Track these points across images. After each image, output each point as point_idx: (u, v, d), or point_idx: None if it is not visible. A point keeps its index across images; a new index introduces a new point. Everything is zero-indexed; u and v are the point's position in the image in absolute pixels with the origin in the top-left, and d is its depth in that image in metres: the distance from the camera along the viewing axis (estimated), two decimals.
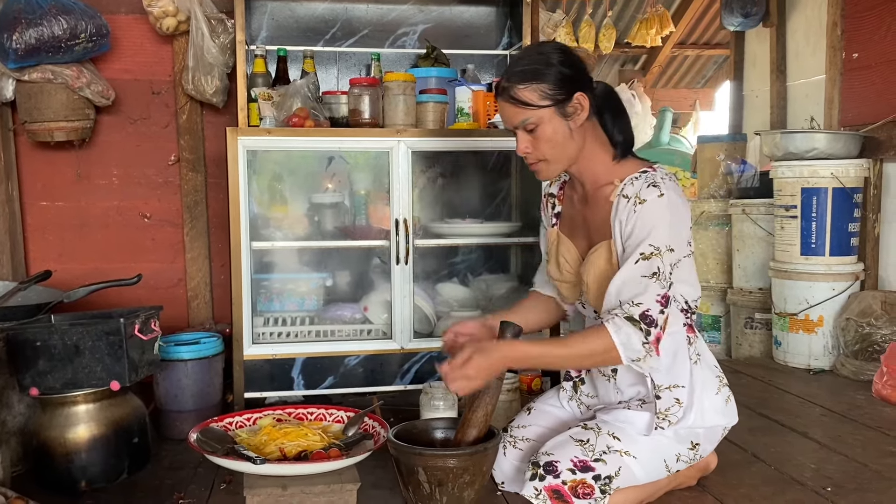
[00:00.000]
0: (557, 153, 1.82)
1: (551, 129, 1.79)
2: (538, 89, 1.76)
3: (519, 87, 1.77)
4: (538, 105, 1.77)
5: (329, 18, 3.03)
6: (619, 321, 1.69)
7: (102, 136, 3.01)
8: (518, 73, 1.79)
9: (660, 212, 1.73)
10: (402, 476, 1.79)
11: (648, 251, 1.71)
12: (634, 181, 1.79)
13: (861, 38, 3.47)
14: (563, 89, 1.77)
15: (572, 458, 1.75)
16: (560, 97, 1.77)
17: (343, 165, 2.93)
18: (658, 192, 1.74)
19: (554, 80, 1.76)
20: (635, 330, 1.68)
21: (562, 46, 1.85)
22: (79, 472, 1.98)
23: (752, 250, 3.72)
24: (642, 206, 1.74)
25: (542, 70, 1.77)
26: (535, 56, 1.80)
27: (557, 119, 1.78)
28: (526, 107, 1.77)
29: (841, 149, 3.25)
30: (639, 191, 1.76)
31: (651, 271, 1.70)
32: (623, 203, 1.77)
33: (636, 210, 1.74)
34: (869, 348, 3.02)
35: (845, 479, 2.05)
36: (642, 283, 1.70)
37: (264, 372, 2.57)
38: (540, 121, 1.78)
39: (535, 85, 1.76)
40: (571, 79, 1.78)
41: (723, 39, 6.83)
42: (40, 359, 1.95)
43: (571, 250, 1.94)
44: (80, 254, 3.03)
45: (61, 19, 2.61)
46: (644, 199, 1.74)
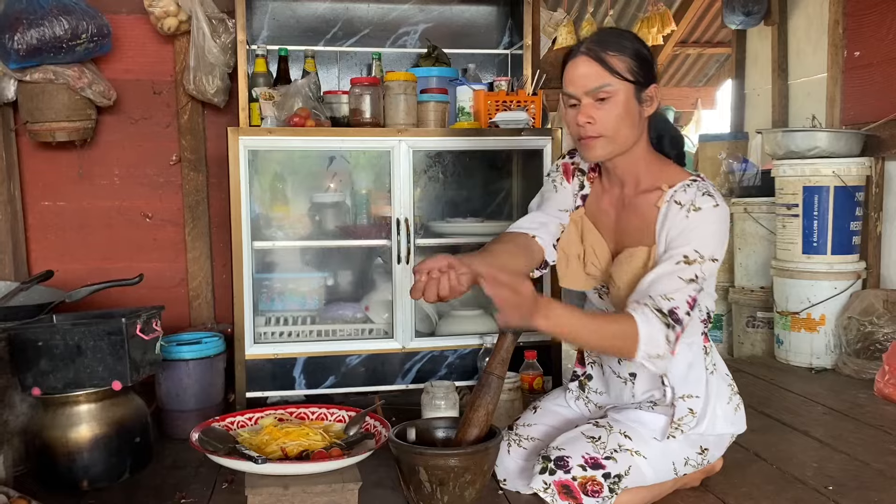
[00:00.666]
0: (620, 132, 1.76)
1: (624, 105, 1.74)
2: (627, 62, 1.73)
3: (610, 52, 1.73)
4: (623, 75, 1.73)
5: (330, 18, 3.03)
6: (648, 312, 1.64)
7: (104, 136, 3.01)
8: (611, 41, 1.75)
9: (714, 222, 1.72)
10: (404, 475, 1.79)
11: (693, 256, 1.68)
12: (687, 188, 1.76)
13: (863, 37, 3.47)
14: (646, 75, 1.76)
15: (584, 455, 1.75)
16: (641, 80, 1.75)
17: (344, 165, 2.94)
18: (714, 202, 1.72)
19: (643, 61, 1.76)
20: (661, 325, 1.63)
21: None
22: (81, 472, 1.99)
23: (754, 249, 3.72)
24: (697, 213, 1.71)
25: (635, 47, 1.76)
26: (627, 34, 1.81)
27: (633, 99, 1.75)
28: (611, 72, 1.72)
29: (843, 147, 3.25)
30: (693, 198, 1.73)
31: (690, 276, 1.68)
32: (675, 209, 1.74)
33: (688, 216, 1.71)
34: (871, 347, 3.02)
35: (847, 478, 2.05)
36: (678, 282, 1.67)
37: (266, 371, 2.57)
38: (616, 93, 1.73)
39: (625, 57, 1.73)
40: (652, 70, 1.78)
41: (724, 38, 6.83)
42: (42, 359, 1.95)
43: (603, 247, 1.89)
44: (81, 254, 3.04)
45: (63, 20, 2.62)
46: (700, 207, 1.71)
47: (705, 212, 1.71)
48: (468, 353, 2.68)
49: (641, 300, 1.67)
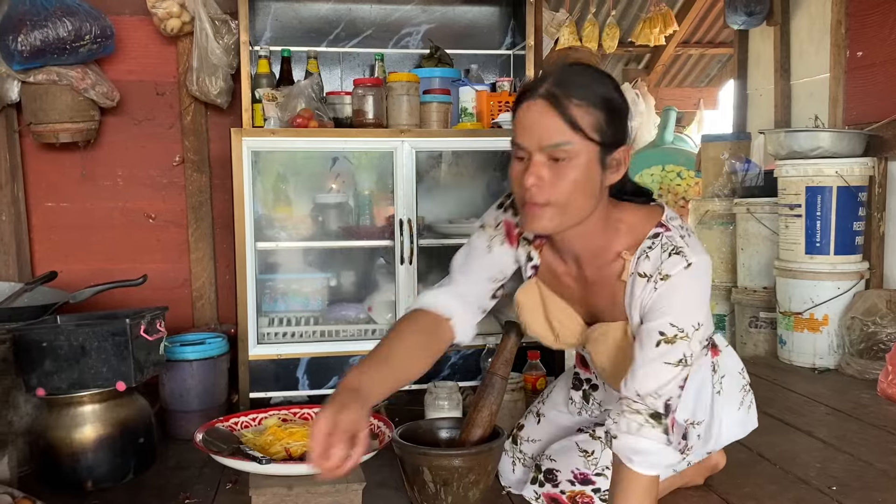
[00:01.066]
0: (573, 202, 1.44)
1: (583, 170, 1.41)
2: (596, 116, 1.40)
3: (576, 100, 1.40)
4: (588, 133, 1.40)
5: (333, 19, 3.04)
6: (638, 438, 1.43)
7: (107, 137, 3.01)
8: (579, 86, 1.41)
9: (688, 287, 1.46)
10: (408, 476, 1.79)
11: (671, 333, 1.44)
12: (649, 252, 1.49)
13: (866, 37, 3.47)
14: (616, 133, 1.44)
15: (573, 470, 1.74)
16: (609, 140, 1.42)
17: (347, 166, 2.94)
18: (684, 261, 1.45)
19: (614, 115, 1.43)
20: (657, 432, 1.44)
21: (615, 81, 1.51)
22: (85, 472, 1.99)
23: (757, 249, 3.72)
24: (665, 282, 1.45)
25: (607, 96, 1.43)
26: (600, 77, 1.47)
27: (595, 163, 1.42)
28: (573, 128, 1.39)
29: (845, 147, 3.25)
30: (660, 265, 1.46)
31: (676, 358, 1.44)
32: (640, 284, 1.48)
33: (657, 288, 1.46)
34: (874, 347, 3.02)
35: (850, 478, 2.05)
36: (665, 371, 1.44)
37: (269, 372, 2.58)
38: (577, 154, 1.40)
39: (594, 109, 1.40)
40: (624, 126, 1.46)
41: (726, 38, 6.82)
42: (46, 359, 1.96)
43: (569, 315, 1.66)
44: (85, 254, 3.04)
45: (66, 21, 2.62)
46: (668, 275, 1.45)
47: (675, 279, 1.44)
48: (471, 354, 2.68)
49: (628, 410, 1.46)
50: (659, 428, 1.44)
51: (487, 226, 1.71)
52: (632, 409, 1.45)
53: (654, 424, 1.44)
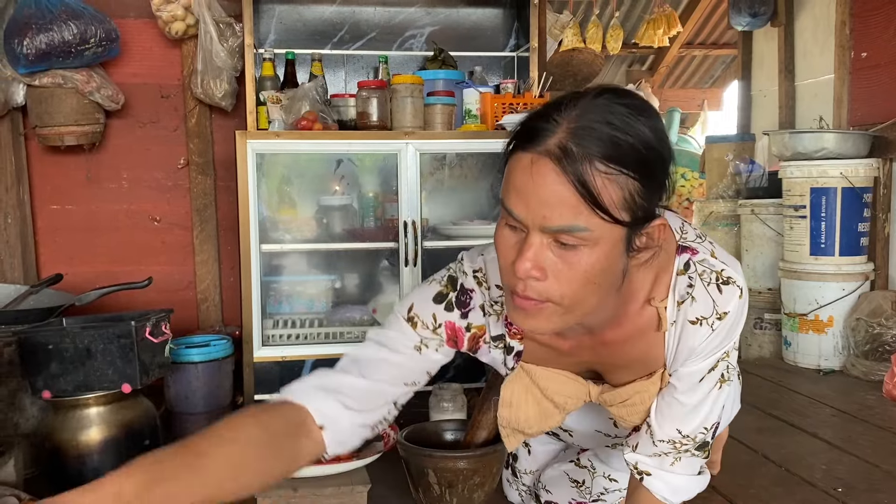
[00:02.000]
0: (585, 300, 1.07)
1: (603, 261, 1.03)
2: (628, 187, 1.00)
3: (603, 167, 0.98)
4: (613, 214, 0.99)
5: (337, 21, 3.04)
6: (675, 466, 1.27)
7: (112, 140, 3.02)
8: (610, 141, 0.98)
9: (744, 315, 1.23)
10: (413, 478, 1.79)
11: (714, 361, 1.23)
12: (691, 291, 1.18)
13: (870, 37, 3.46)
14: (651, 202, 1.04)
15: (570, 501, 1.73)
16: (642, 215, 1.03)
17: (351, 168, 2.94)
18: (737, 290, 1.19)
19: (653, 181, 1.03)
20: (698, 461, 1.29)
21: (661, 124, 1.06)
22: (91, 475, 1.97)
23: (762, 250, 3.71)
24: (723, 320, 1.19)
25: (646, 155, 1.00)
26: (641, 116, 1.01)
27: (619, 247, 1.04)
28: (595, 208, 0.99)
29: (850, 148, 3.24)
30: (713, 303, 1.18)
31: (716, 379, 1.24)
32: (691, 330, 1.19)
33: (714, 328, 1.19)
34: (879, 348, 3.01)
35: (856, 480, 2.05)
36: (709, 401, 1.25)
37: (274, 374, 2.58)
38: (596, 241, 1.01)
39: (627, 178, 0.99)
40: (662, 187, 1.06)
41: (730, 39, 6.82)
42: (52, 362, 1.96)
43: (576, 385, 1.36)
44: (90, 257, 3.05)
45: (71, 24, 2.63)
46: (726, 312, 1.18)
47: (733, 313, 1.19)
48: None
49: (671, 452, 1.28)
50: (700, 457, 1.28)
51: (418, 321, 1.33)
52: (677, 451, 1.27)
53: (697, 455, 1.27)
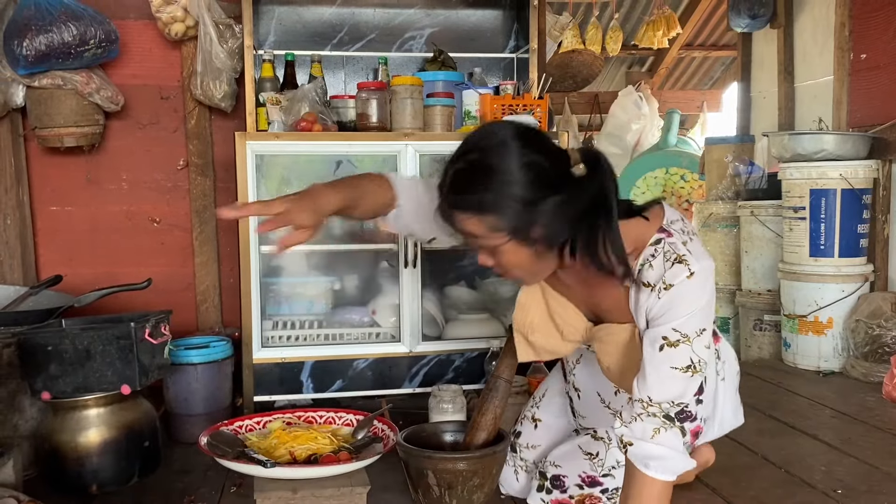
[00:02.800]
0: (527, 272, 1.49)
1: (512, 257, 1.42)
2: (485, 221, 1.36)
3: (459, 215, 1.38)
4: (487, 237, 1.39)
5: (336, 23, 3.04)
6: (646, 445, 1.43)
7: (112, 142, 3.02)
8: (460, 196, 1.37)
9: (691, 295, 1.43)
10: (412, 479, 1.79)
11: (674, 338, 1.43)
12: (652, 261, 1.45)
13: (869, 39, 3.46)
14: (522, 218, 1.35)
15: (580, 474, 1.74)
16: (517, 226, 1.36)
17: (351, 169, 2.94)
18: (686, 270, 1.42)
19: (508, 210, 1.35)
20: (672, 436, 1.44)
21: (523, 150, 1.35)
22: (90, 476, 1.99)
23: (761, 252, 3.71)
24: (668, 291, 1.43)
25: (489, 199, 1.34)
26: (484, 173, 1.35)
27: (516, 247, 1.39)
28: (471, 237, 1.41)
29: (849, 150, 3.24)
30: (662, 274, 1.43)
31: (684, 364, 1.44)
32: (644, 293, 1.46)
33: (660, 297, 1.43)
34: (879, 350, 3.01)
35: (856, 482, 2.05)
36: (676, 379, 1.44)
37: (273, 375, 2.58)
38: (500, 248, 1.40)
39: (480, 216, 1.36)
40: (533, 201, 1.35)
41: (730, 41, 6.82)
42: (52, 363, 1.96)
43: (572, 314, 1.66)
44: (89, 258, 3.05)
45: (71, 26, 2.63)
46: (671, 284, 1.42)
47: (678, 287, 1.42)
48: (475, 357, 2.68)
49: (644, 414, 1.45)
50: (673, 431, 1.43)
51: None
52: (647, 413, 1.44)
53: (668, 427, 1.43)
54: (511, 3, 3.13)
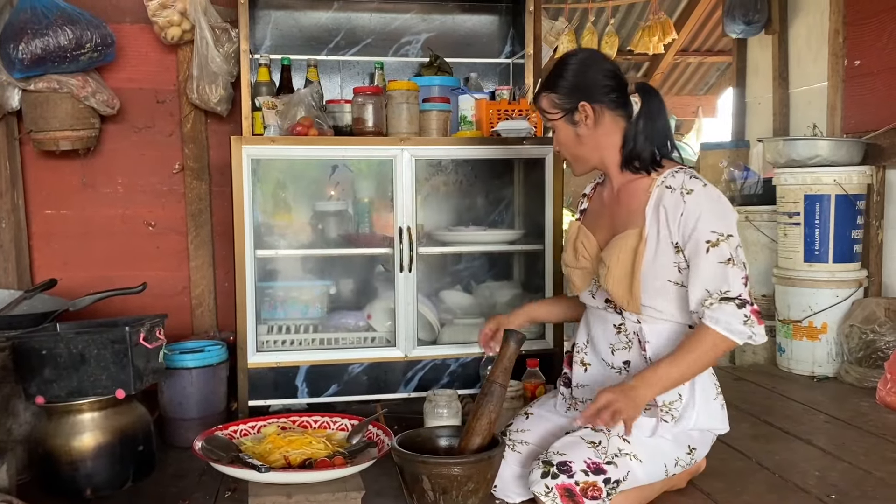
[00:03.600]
0: (571, 154, 1.99)
1: (562, 135, 1.96)
2: (550, 98, 1.94)
3: (542, 94, 1.96)
4: (550, 112, 1.94)
5: (332, 27, 3.05)
6: (714, 311, 1.75)
7: (107, 145, 3.02)
8: (548, 81, 1.96)
9: (709, 199, 1.80)
10: (407, 484, 1.79)
11: (714, 238, 1.77)
12: (675, 174, 1.86)
13: (863, 46, 3.48)
14: (571, 99, 1.90)
15: (586, 460, 1.76)
16: (567, 107, 1.91)
17: (347, 173, 2.95)
18: (702, 182, 1.83)
19: (563, 90, 1.91)
20: (734, 311, 1.75)
21: (588, 57, 1.95)
22: (84, 480, 1.99)
23: (756, 257, 3.72)
24: (691, 195, 1.80)
25: (554, 81, 1.93)
26: (557, 65, 1.95)
27: (566, 126, 1.94)
28: (543, 112, 1.97)
29: (843, 156, 3.26)
30: (683, 182, 1.82)
31: (726, 257, 1.77)
32: (668, 193, 1.83)
33: (685, 200, 1.80)
34: (873, 355, 3.02)
35: (849, 487, 2.05)
36: (721, 270, 1.76)
37: (268, 380, 2.58)
38: (555, 126, 1.96)
39: (548, 94, 1.94)
40: (579, 89, 1.90)
41: (725, 46, 6.85)
42: (46, 367, 1.96)
43: (590, 239, 2.00)
44: (84, 262, 3.04)
45: (67, 29, 2.63)
46: (691, 189, 1.80)
47: (698, 192, 1.80)
48: (470, 362, 2.68)
49: (704, 300, 1.77)
50: (732, 304, 1.75)
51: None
52: (707, 304, 1.77)
53: (727, 305, 1.75)
54: (507, 8, 3.14)
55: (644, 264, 1.83)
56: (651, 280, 1.83)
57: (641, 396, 1.75)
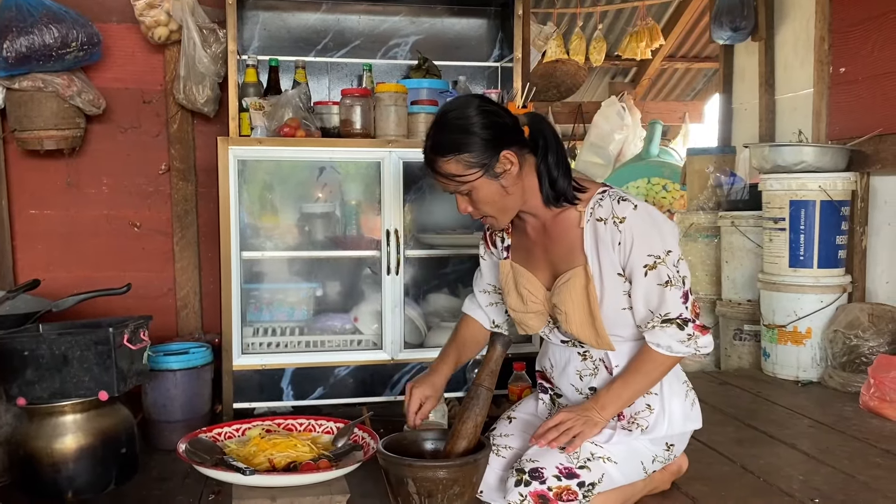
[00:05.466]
0: (499, 209, 1.83)
1: (485, 193, 1.78)
2: (461, 160, 1.75)
3: (442, 160, 1.77)
4: (464, 175, 1.76)
5: (321, 29, 3.04)
6: (655, 335, 1.78)
7: (93, 145, 3.00)
8: (439, 144, 1.77)
9: (642, 222, 1.77)
10: (392, 487, 1.78)
11: (651, 261, 1.76)
12: (601, 203, 1.81)
13: (848, 53, 3.51)
14: (488, 153, 1.75)
15: (557, 466, 1.76)
16: (485, 161, 1.75)
17: (334, 175, 2.94)
18: (630, 204, 1.78)
19: (477, 147, 1.75)
20: (674, 332, 1.76)
21: (480, 104, 1.79)
22: (66, 483, 1.96)
23: (741, 262, 3.74)
24: (624, 223, 1.77)
25: (462, 140, 1.75)
26: (456, 123, 1.77)
27: (488, 182, 1.77)
28: (452, 178, 1.77)
29: (828, 162, 3.28)
30: (612, 209, 1.79)
31: (664, 279, 1.76)
32: (601, 227, 1.80)
33: (620, 230, 1.77)
34: (856, 360, 3.04)
35: (833, 491, 2.06)
36: (660, 292, 1.77)
37: (253, 382, 2.56)
38: (471, 188, 1.78)
39: (457, 156, 1.75)
40: (494, 139, 1.76)
41: (712, 53, 6.89)
42: (28, 368, 1.94)
43: (533, 281, 1.93)
44: (68, 263, 3.02)
45: (52, 28, 2.61)
46: (623, 217, 1.77)
47: (629, 218, 1.77)
48: None
49: (647, 321, 1.80)
50: (672, 326, 1.76)
51: (480, 246, 2.13)
52: (648, 325, 1.79)
53: (667, 327, 1.77)
54: (496, 12, 3.15)
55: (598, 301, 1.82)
56: (609, 314, 1.82)
57: (595, 418, 1.80)
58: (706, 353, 1.81)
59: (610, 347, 1.85)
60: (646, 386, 1.83)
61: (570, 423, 1.79)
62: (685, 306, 1.77)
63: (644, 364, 1.81)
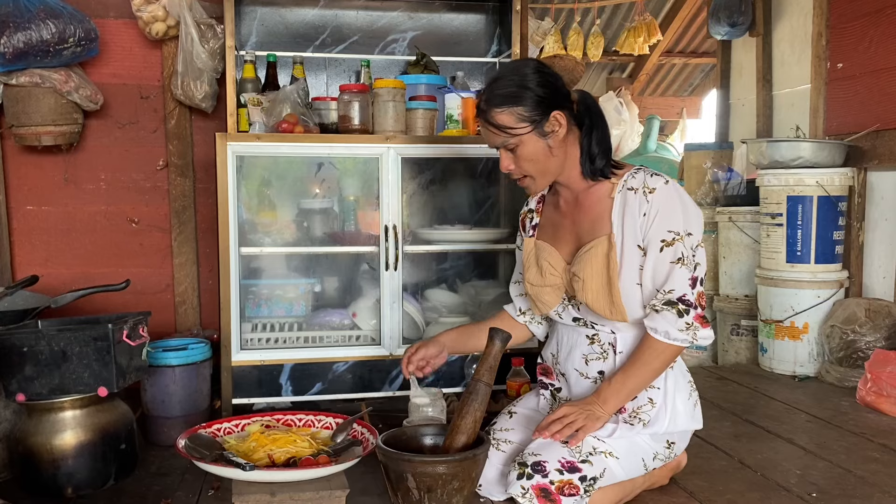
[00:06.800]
0: (540, 170, 1.87)
1: (531, 149, 1.83)
2: (514, 112, 1.81)
3: (496, 111, 1.82)
4: (515, 128, 1.81)
5: (319, 24, 3.04)
6: (654, 319, 1.79)
7: (90, 141, 3.00)
8: (495, 96, 1.83)
9: (671, 197, 1.80)
10: (391, 482, 1.79)
11: (670, 237, 1.78)
12: (635, 175, 1.85)
13: (845, 49, 3.51)
14: (540, 110, 1.81)
15: (560, 459, 1.77)
16: (536, 118, 1.81)
17: (332, 171, 2.94)
18: (663, 180, 1.82)
19: (530, 102, 1.80)
20: (673, 319, 1.77)
21: (538, 66, 1.86)
22: (65, 479, 1.97)
23: (739, 258, 3.75)
24: (653, 194, 1.80)
25: (518, 93, 1.81)
26: (512, 78, 1.83)
27: (536, 139, 1.83)
28: (503, 130, 1.82)
29: (826, 158, 3.29)
30: (644, 181, 1.82)
31: (676, 257, 1.77)
32: (631, 196, 1.82)
33: (648, 200, 1.79)
34: (853, 355, 3.05)
35: (830, 485, 2.07)
36: (669, 269, 1.78)
37: (252, 378, 2.57)
38: (519, 142, 1.83)
39: (511, 108, 1.80)
40: (547, 99, 1.82)
41: (710, 48, 6.89)
42: (27, 364, 1.94)
43: (554, 254, 1.96)
44: (67, 259, 3.02)
45: (50, 23, 2.60)
46: (653, 188, 1.80)
47: (660, 190, 1.80)
48: (455, 360, 2.68)
49: (650, 301, 1.82)
50: (674, 310, 1.77)
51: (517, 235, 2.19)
52: (651, 306, 1.81)
53: (669, 310, 1.78)
54: (494, 7, 3.14)
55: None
56: (625, 284, 1.83)
57: (598, 413, 1.81)
58: (705, 346, 1.80)
59: (623, 318, 1.84)
60: (646, 377, 1.83)
61: (573, 416, 1.80)
62: (691, 290, 1.78)
63: (643, 353, 1.81)
